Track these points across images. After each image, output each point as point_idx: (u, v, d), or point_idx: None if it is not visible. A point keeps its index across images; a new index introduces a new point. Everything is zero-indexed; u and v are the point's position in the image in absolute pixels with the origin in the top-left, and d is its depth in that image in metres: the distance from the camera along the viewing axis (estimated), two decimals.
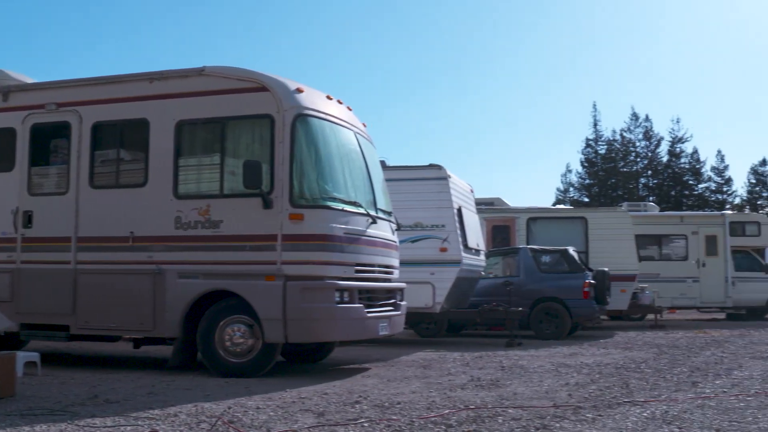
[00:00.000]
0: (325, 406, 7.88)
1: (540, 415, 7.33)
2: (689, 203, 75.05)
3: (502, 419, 7.14)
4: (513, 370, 11.28)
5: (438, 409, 7.64)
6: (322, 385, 9.50)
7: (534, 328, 17.67)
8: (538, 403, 8.12)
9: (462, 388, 9.26)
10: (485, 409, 7.68)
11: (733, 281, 25.13)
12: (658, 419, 7.17)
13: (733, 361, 12.50)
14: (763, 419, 7.17)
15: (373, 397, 8.45)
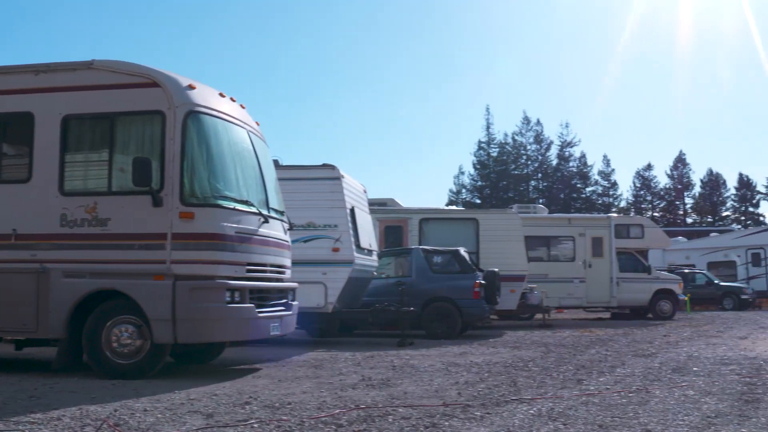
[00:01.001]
0: (214, 407, 7.78)
1: (430, 414, 7.39)
2: (577, 206, 76.99)
3: (392, 418, 7.17)
4: (404, 369, 11.35)
5: (328, 409, 7.63)
6: (212, 386, 9.37)
7: (425, 327, 17.80)
8: (428, 401, 8.19)
9: (353, 388, 9.27)
10: (376, 408, 7.71)
11: (617, 282, 25.90)
12: (544, 416, 7.32)
13: (617, 359, 12.86)
14: (643, 414, 7.39)
15: (263, 398, 8.38)
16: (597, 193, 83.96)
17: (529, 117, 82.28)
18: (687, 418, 7.21)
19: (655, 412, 7.57)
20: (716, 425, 6.89)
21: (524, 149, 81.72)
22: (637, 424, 6.93)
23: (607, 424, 6.91)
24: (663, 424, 6.96)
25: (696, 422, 7.02)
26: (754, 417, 7.26)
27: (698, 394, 8.76)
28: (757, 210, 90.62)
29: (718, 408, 7.78)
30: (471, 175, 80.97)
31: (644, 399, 8.40)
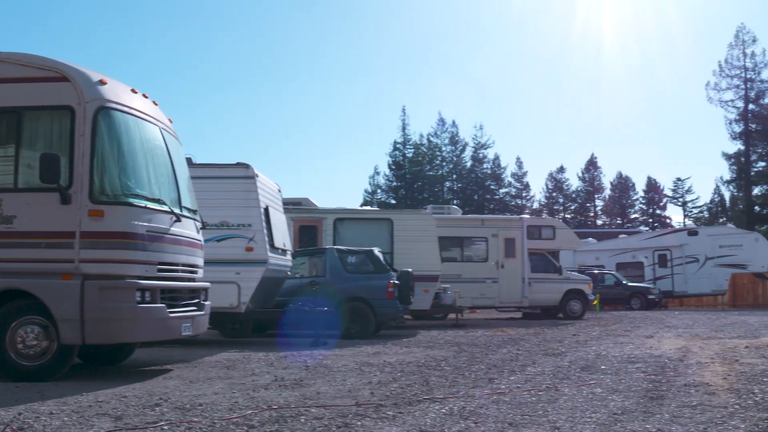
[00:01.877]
0: (123, 409, 7.64)
1: (342, 414, 7.39)
2: (491, 207, 77.92)
3: (304, 419, 7.15)
4: (317, 369, 11.32)
5: (240, 410, 7.57)
6: (121, 388, 9.20)
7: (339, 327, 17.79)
8: (340, 401, 8.18)
9: (265, 389, 9.21)
10: (288, 408, 7.67)
11: (529, 282, 26.28)
12: (455, 415, 7.39)
13: (528, 358, 13.05)
14: (552, 412, 7.52)
15: (174, 399, 8.26)
16: (510, 195, 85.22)
17: (444, 118, 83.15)
18: (594, 415, 7.35)
19: (564, 409, 7.71)
20: (622, 422, 7.04)
21: (439, 150, 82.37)
22: (546, 422, 7.04)
23: (517, 422, 7.01)
24: (571, 421, 7.08)
25: (603, 419, 7.17)
26: (658, 413, 7.45)
27: (605, 391, 8.94)
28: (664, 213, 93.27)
29: (625, 405, 7.96)
30: (386, 175, 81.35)
31: (553, 397, 8.54)
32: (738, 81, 73.72)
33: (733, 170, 77.56)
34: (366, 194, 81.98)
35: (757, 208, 75.33)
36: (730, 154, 76.38)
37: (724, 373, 10.71)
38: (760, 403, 8.04)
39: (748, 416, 7.28)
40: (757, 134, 74.46)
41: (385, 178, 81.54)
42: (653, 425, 6.87)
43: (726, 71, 73.98)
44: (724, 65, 74.21)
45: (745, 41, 73.91)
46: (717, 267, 39.19)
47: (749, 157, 74.74)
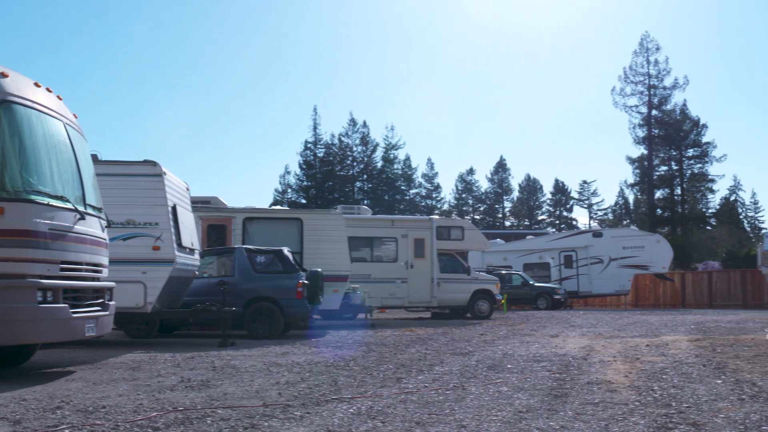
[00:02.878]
0: (22, 413, 7.42)
1: (249, 415, 7.33)
2: (401, 208, 78.27)
3: (210, 420, 7.06)
4: (225, 370, 11.20)
5: (145, 412, 7.43)
6: (21, 391, 8.94)
7: (248, 327, 17.64)
8: (248, 402, 8.11)
9: (171, 390, 9.06)
10: (194, 410, 7.57)
11: (438, 282, 26.50)
12: (363, 414, 7.39)
13: (436, 357, 13.15)
14: (459, 411, 7.59)
15: (76, 402, 8.07)
16: (421, 196, 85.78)
17: (355, 119, 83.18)
18: (500, 414, 7.45)
19: (471, 408, 7.79)
20: (527, 419, 7.15)
21: (350, 150, 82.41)
22: (453, 421, 7.10)
23: (424, 421, 7.05)
24: (477, 419, 7.16)
25: (508, 417, 7.27)
26: (562, 411, 7.59)
27: (511, 390, 9.07)
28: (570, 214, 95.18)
29: (530, 403, 8.08)
30: (297, 175, 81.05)
31: (460, 396, 8.62)
32: (642, 87, 75.82)
33: (636, 174, 79.74)
34: (276, 194, 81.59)
35: (659, 211, 77.60)
36: (633, 158, 78.54)
37: (625, 370, 10.98)
38: (659, 399, 8.27)
39: (647, 412, 7.47)
40: (659, 139, 76.68)
41: (295, 177, 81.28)
42: (557, 422, 6.99)
43: (630, 77, 76.05)
44: (628, 71, 76.27)
45: (649, 49, 76.08)
46: (620, 268, 40.15)
47: (652, 161, 76.90)
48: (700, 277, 46.13)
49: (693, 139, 77.45)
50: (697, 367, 11.28)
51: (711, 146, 76.91)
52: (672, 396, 8.52)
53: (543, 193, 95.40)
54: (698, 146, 77.47)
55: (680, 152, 77.68)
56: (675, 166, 78.51)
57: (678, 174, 78.35)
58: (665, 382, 9.74)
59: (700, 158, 77.83)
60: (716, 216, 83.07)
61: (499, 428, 6.77)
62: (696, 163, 78.36)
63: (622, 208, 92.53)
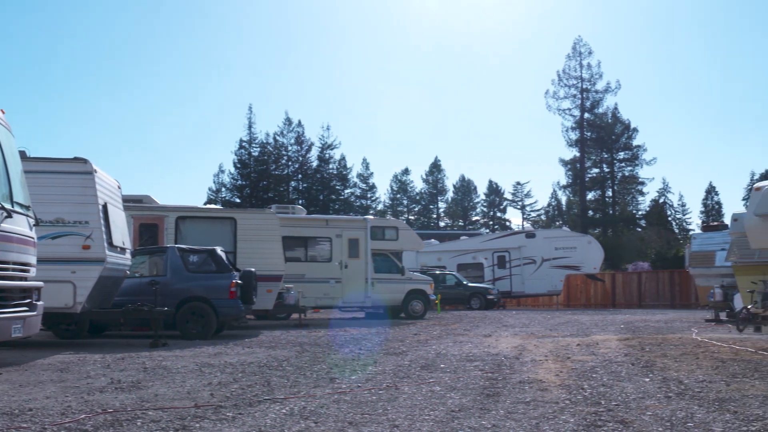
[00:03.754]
0: None
1: (180, 416, 7.24)
2: (336, 207, 78.20)
3: (141, 422, 6.96)
4: (156, 371, 11.06)
5: (73, 414, 7.29)
6: None
7: (180, 328, 17.45)
8: (179, 403, 8.02)
9: (101, 392, 8.92)
10: (124, 412, 7.45)
11: (372, 282, 26.51)
12: (296, 415, 7.36)
13: (369, 357, 13.16)
14: (392, 411, 7.60)
15: (1, 405, 7.89)
16: (355, 196, 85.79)
17: (291, 118, 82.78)
18: (433, 413, 7.48)
19: (403, 407, 7.80)
20: (459, 419, 7.19)
21: (285, 150, 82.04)
22: (385, 420, 7.11)
23: (357, 421, 7.05)
24: (410, 419, 7.18)
25: (441, 416, 7.30)
26: (494, 410, 7.65)
27: (444, 389, 9.12)
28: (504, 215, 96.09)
29: (462, 402, 8.13)
30: (231, 174, 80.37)
31: (393, 395, 8.64)
32: (575, 91, 77.04)
33: (569, 176, 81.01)
34: (210, 192, 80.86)
35: (590, 212, 78.88)
36: (566, 160, 79.79)
37: (556, 369, 11.12)
38: (589, 398, 8.39)
39: (577, 411, 7.57)
40: (591, 142, 77.99)
41: (230, 176, 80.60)
42: (488, 421, 7.04)
43: (564, 81, 77.21)
44: (562, 75, 77.46)
45: (582, 53, 77.36)
46: (552, 268, 40.63)
47: (584, 163, 78.18)
48: (630, 277, 46.95)
49: (624, 143, 79.01)
50: (626, 366, 11.48)
51: (641, 149, 78.57)
52: (601, 394, 8.65)
53: (477, 194, 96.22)
54: (629, 149, 79.05)
55: (611, 155, 79.14)
56: (606, 168, 79.96)
57: (609, 176, 79.80)
58: (595, 380, 9.88)
59: (631, 161, 79.42)
60: (646, 218, 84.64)
61: (432, 427, 6.80)
62: (627, 165, 79.95)
63: (554, 210, 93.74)
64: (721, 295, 24.55)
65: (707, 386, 9.28)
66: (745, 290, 21.45)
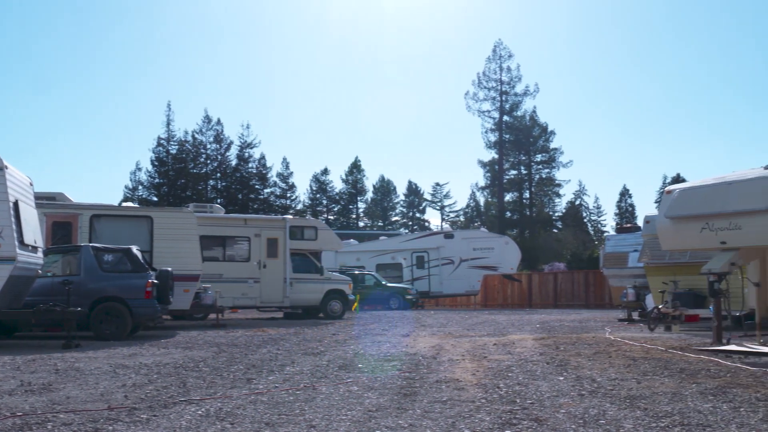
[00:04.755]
0: None
1: (93, 419, 7.11)
2: (255, 207, 77.61)
3: (51, 425, 6.81)
4: (68, 372, 10.83)
5: None
6: None
7: (94, 328, 17.09)
8: (92, 406, 7.87)
9: (10, 395, 8.69)
10: (34, 415, 7.29)
11: (291, 282, 26.40)
12: (212, 416, 7.29)
13: (287, 357, 13.10)
14: (309, 411, 7.59)
15: None
16: (275, 195, 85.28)
17: (210, 116, 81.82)
18: (350, 413, 7.49)
19: (321, 408, 7.80)
20: (376, 418, 7.21)
21: (204, 148, 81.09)
22: (302, 421, 7.09)
23: (274, 422, 7.02)
24: (327, 419, 7.17)
25: (358, 416, 7.31)
26: (411, 409, 7.69)
27: (362, 389, 9.13)
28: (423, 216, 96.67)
29: (379, 402, 8.16)
30: (149, 171, 79.08)
31: (311, 396, 8.62)
32: (494, 93, 78.05)
33: (487, 177, 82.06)
34: (127, 191, 79.41)
35: (508, 214, 79.96)
36: (485, 161, 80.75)
37: (473, 369, 11.23)
38: (505, 396, 8.50)
39: (493, 409, 7.67)
40: (510, 144, 79.06)
41: (147, 174, 79.27)
42: (405, 421, 7.08)
43: (484, 83, 78.16)
44: (482, 77, 78.39)
45: (501, 56, 78.40)
46: (470, 268, 40.99)
47: (502, 165, 79.22)
48: (546, 277, 47.70)
49: (541, 145, 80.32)
50: (541, 365, 11.66)
51: (558, 152, 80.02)
52: (517, 393, 8.77)
53: (396, 194, 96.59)
54: (546, 152, 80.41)
55: (529, 157, 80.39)
56: (524, 170, 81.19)
57: (527, 178, 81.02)
58: (511, 379, 10.02)
59: (548, 163, 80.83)
60: (562, 219, 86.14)
61: (349, 427, 6.80)
62: (544, 168, 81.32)
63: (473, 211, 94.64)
64: (633, 295, 25.12)
65: (619, 384, 9.49)
66: (656, 290, 22.03)
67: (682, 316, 19.88)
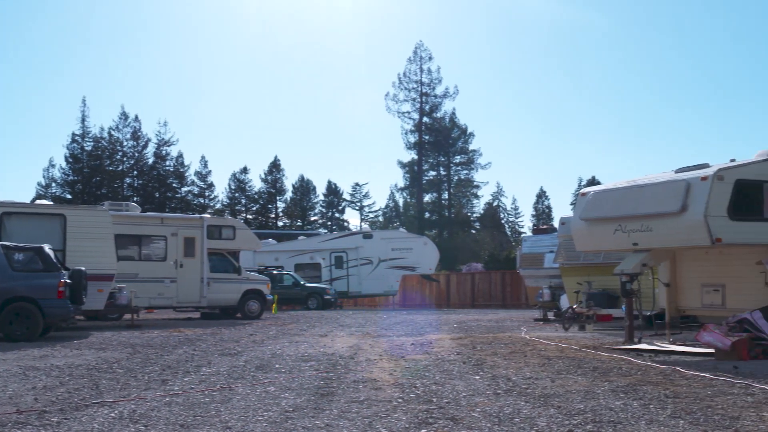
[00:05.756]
0: None
1: (0, 423, 6.92)
2: (173, 206, 76.65)
3: None
4: None
5: None
6: None
7: (3, 329, 16.63)
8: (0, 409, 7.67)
9: None
10: None
11: (208, 282, 26.11)
12: (125, 419, 7.17)
13: (203, 358, 12.97)
14: (225, 412, 7.52)
15: None
16: (193, 194, 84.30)
17: (127, 112, 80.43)
18: (267, 414, 7.45)
19: (237, 409, 7.74)
20: (293, 419, 7.19)
21: (120, 145, 79.72)
22: (218, 422, 7.03)
23: (189, 424, 6.94)
24: (244, 420, 7.13)
25: (275, 417, 7.28)
26: (328, 409, 7.69)
27: (279, 390, 9.10)
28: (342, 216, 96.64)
29: (296, 402, 8.14)
30: (63, 168, 77.38)
31: (227, 397, 8.55)
32: (415, 94, 78.55)
33: (407, 178, 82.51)
34: (39, 188, 77.58)
35: (427, 214, 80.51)
36: (405, 162, 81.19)
37: (390, 368, 11.29)
38: (421, 396, 8.56)
39: (409, 408, 7.71)
40: (429, 145, 79.63)
41: (61, 171, 77.56)
42: (322, 421, 7.07)
43: (404, 84, 78.59)
44: (402, 78, 78.75)
45: (422, 58, 78.92)
46: (389, 269, 41.17)
47: (422, 166, 79.75)
48: (464, 278, 48.19)
49: (460, 147, 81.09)
50: (458, 365, 11.77)
51: (477, 154, 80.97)
52: (433, 392, 8.84)
53: (316, 194, 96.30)
54: (465, 153, 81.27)
55: (448, 158, 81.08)
56: (443, 171, 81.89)
57: (446, 179, 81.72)
58: (428, 379, 10.09)
59: (467, 165, 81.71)
60: (480, 220, 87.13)
61: (265, 428, 6.77)
62: (463, 169, 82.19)
63: (392, 211, 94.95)
64: (549, 296, 25.55)
65: (534, 383, 9.64)
66: (571, 291, 22.43)
67: (596, 316, 20.30)
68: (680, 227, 14.31)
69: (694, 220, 13.91)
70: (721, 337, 12.81)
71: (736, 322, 13.39)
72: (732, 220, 13.99)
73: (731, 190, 14.02)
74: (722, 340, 12.76)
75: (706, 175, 14.04)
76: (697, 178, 14.16)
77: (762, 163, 14.80)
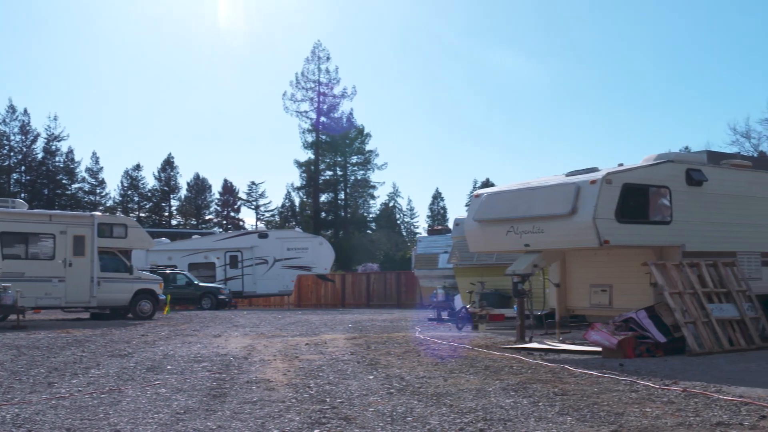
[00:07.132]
0: None
1: None
2: (62, 203, 74.77)
3: None
4: None
5: None
6: None
7: None
8: None
9: None
10: None
11: (99, 281, 25.51)
12: (8, 423, 6.96)
13: (92, 359, 12.68)
14: (114, 415, 7.37)
15: None
16: (84, 191, 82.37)
17: (15, 105, 78.01)
18: (157, 416, 7.33)
19: (127, 411, 7.60)
20: (184, 420, 7.10)
21: (7, 140, 77.28)
22: (107, 425, 6.89)
23: (76, 427, 6.78)
24: (133, 423, 7.00)
25: (165, 419, 7.17)
26: (220, 411, 7.61)
27: (170, 391, 8.96)
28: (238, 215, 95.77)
29: (188, 404, 8.03)
30: None
31: (116, 399, 8.38)
32: (312, 94, 78.35)
33: (303, 177, 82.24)
34: None
35: (323, 214, 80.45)
36: (301, 162, 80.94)
37: (284, 369, 11.25)
38: (315, 396, 8.56)
39: (303, 409, 7.70)
40: (326, 145, 79.62)
41: None
42: (214, 422, 7.00)
43: (302, 84, 78.32)
44: (300, 78, 78.46)
45: (320, 57, 78.79)
46: (284, 268, 40.98)
47: (318, 166, 79.65)
48: (359, 278, 48.32)
49: (357, 147, 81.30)
50: (352, 364, 11.81)
51: (374, 154, 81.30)
52: (327, 392, 8.85)
53: (211, 192, 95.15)
54: (362, 154, 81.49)
55: (345, 159, 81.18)
56: (340, 171, 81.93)
57: (342, 179, 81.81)
58: (321, 379, 10.10)
59: (363, 165, 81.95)
60: (376, 220, 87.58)
61: (155, 430, 6.66)
62: (359, 169, 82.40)
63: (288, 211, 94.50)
64: (443, 296, 25.81)
65: (427, 382, 9.74)
66: (464, 291, 22.75)
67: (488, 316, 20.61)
68: (570, 229, 14.65)
69: (583, 222, 14.26)
70: (608, 336, 13.22)
71: (622, 322, 13.80)
72: (619, 223, 14.40)
73: (619, 194, 14.42)
74: (609, 338, 13.17)
75: (595, 178, 14.41)
76: (586, 182, 14.52)
77: (648, 167, 15.28)
